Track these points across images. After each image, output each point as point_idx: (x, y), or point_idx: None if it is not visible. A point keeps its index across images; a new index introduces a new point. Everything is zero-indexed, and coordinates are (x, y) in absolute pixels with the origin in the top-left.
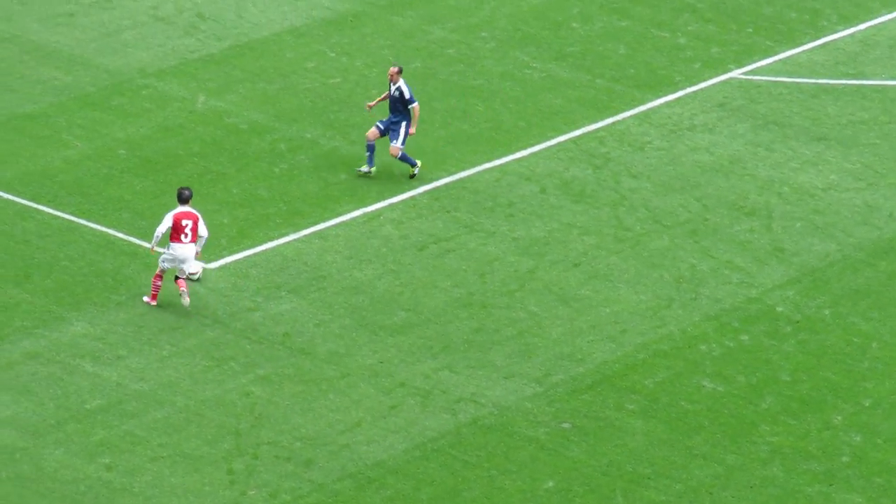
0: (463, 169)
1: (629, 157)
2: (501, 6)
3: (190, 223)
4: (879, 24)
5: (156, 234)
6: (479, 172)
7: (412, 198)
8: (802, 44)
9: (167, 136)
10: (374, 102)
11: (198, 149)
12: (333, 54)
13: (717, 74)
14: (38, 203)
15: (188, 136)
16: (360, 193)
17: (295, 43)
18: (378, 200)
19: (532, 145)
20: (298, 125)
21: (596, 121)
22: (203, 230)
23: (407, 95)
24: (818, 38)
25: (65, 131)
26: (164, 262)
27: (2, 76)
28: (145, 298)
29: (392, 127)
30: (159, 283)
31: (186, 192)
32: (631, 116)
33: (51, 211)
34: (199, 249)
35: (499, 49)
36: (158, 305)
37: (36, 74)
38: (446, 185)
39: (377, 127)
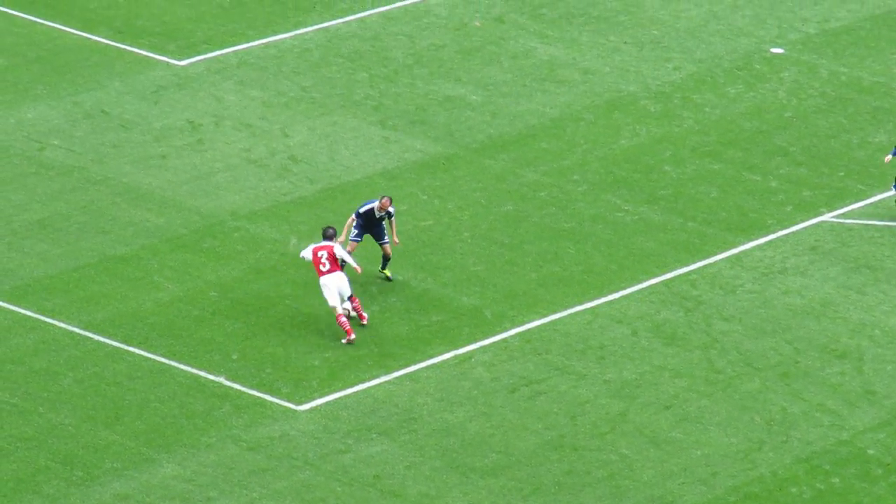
0: (554, 311)
1: (721, 300)
2: (594, 149)
3: (325, 253)
4: None
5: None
6: (570, 315)
7: (503, 340)
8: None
9: (258, 278)
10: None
11: (289, 291)
12: (425, 197)
13: (809, 217)
14: (129, 345)
15: (280, 278)
16: (451, 335)
17: (387, 185)
18: (469, 342)
19: (624, 288)
20: (390, 267)
21: (687, 263)
22: (343, 254)
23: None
24: None
25: (156, 273)
26: (329, 299)
27: (94, 218)
28: (343, 340)
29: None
30: (342, 319)
31: (330, 231)
32: (722, 259)
33: (142, 353)
34: (359, 268)
35: (591, 192)
36: (249, 448)
37: (128, 216)
38: (538, 327)
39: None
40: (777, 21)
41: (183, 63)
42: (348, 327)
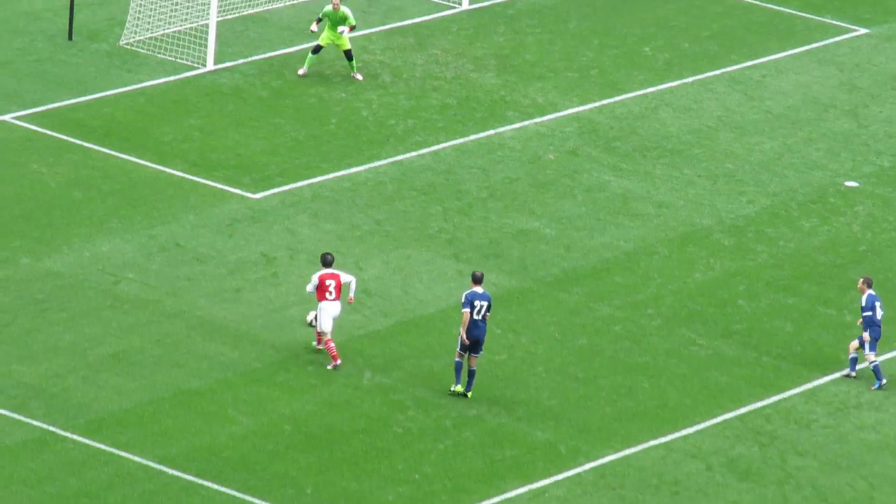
0: (629, 446)
1: (795, 435)
2: (668, 283)
3: (333, 282)
4: None
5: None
6: (644, 450)
7: (577, 475)
8: None
9: (332, 411)
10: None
11: (363, 425)
12: (499, 331)
13: (884, 352)
14: (203, 479)
15: (354, 412)
16: (526, 470)
17: (460, 319)
18: (543, 477)
19: (698, 423)
20: (464, 402)
21: (762, 398)
22: (348, 279)
23: None
24: None
25: (230, 407)
26: (323, 322)
27: (169, 351)
28: (329, 366)
29: None
30: (331, 344)
31: (329, 257)
32: (797, 394)
33: (216, 487)
34: (352, 297)
35: (665, 326)
36: None
37: (202, 350)
38: (612, 462)
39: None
40: (851, 154)
41: (257, 196)
42: (335, 352)
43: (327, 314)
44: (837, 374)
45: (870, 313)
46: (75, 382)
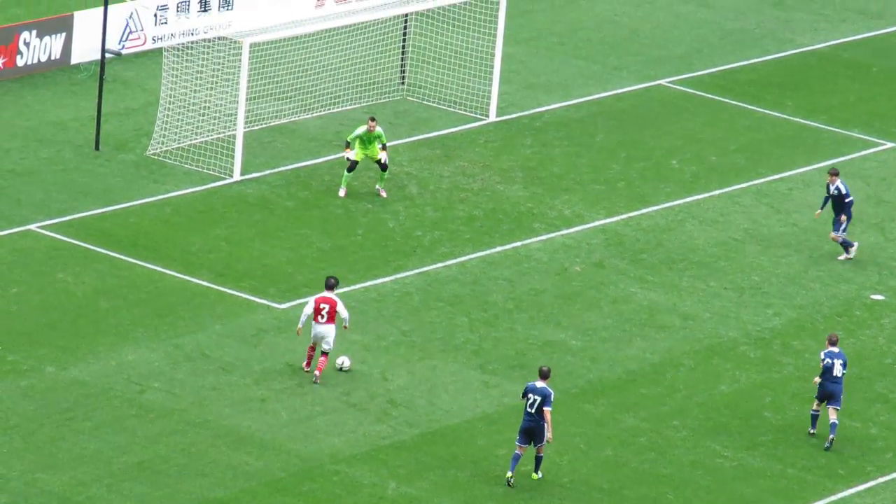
0: None
1: None
2: (693, 395)
3: (327, 307)
4: None
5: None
6: None
7: None
8: None
9: None
10: None
11: None
12: None
13: None
14: None
15: None
16: None
17: (487, 430)
18: None
19: None
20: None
21: None
22: (343, 312)
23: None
24: None
25: None
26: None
27: (194, 461)
28: (303, 364)
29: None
30: (311, 352)
31: (332, 280)
32: None
33: None
34: (347, 325)
35: (690, 438)
36: None
37: (227, 459)
38: None
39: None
40: (877, 267)
41: (283, 306)
42: (307, 360)
43: (316, 334)
44: (862, 487)
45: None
46: (99, 491)
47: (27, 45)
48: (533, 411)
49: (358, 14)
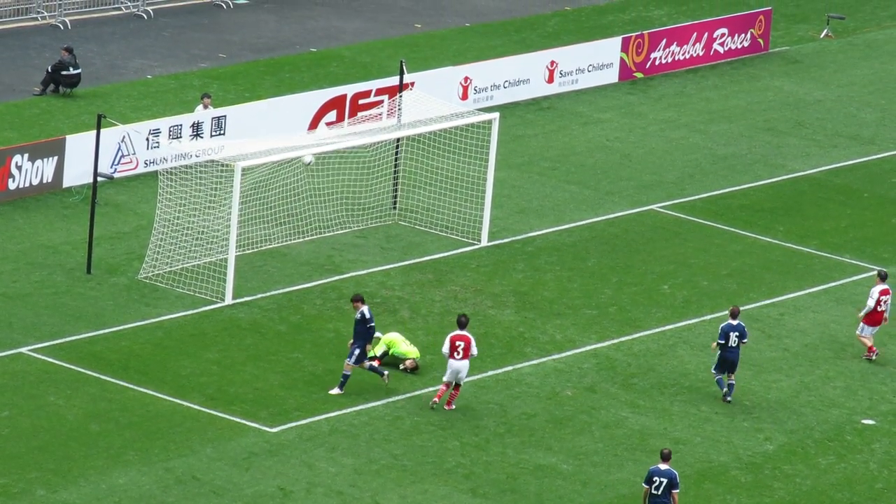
0: None
1: None
2: None
3: (462, 344)
4: None
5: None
6: None
7: None
8: None
9: None
10: None
11: None
12: None
13: None
14: None
15: None
16: None
17: None
18: None
19: None
20: None
21: None
22: (474, 349)
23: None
24: None
25: None
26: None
27: None
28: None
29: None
30: (445, 388)
31: (464, 318)
32: None
33: None
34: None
35: None
36: None
37: None
38: None
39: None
40: (869, 392)
41: (275, 430)
42: (438, 395)
43: (452, 370)
44: None
45: (722, 341)
46: None
47: (19, 168)
48: (660, 493)
49: (350, 139)
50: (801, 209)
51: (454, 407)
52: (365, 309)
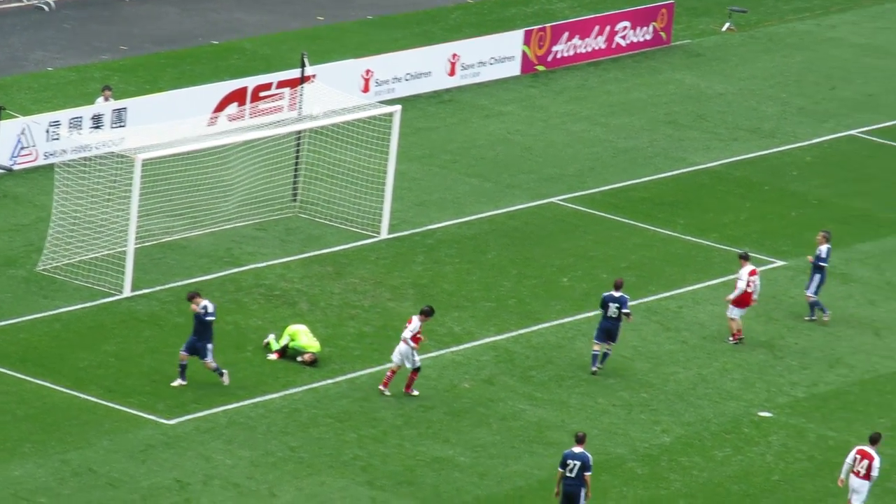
0: None
1: None
2: None
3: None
4: None
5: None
6: None
7: None
8: None
9: None
10: None
11: None
12: None
13: None
14: None
15: None
16: None
17: None
18: None
19: None
20: None
21: None
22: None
23: None
24: None
25: None
26: None
27: None
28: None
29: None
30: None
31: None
32: None
33: None
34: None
35: None
36: None
37: None
38: None
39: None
40: (766, 385)
41: (172, 422)
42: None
43: (401, 353)
44: None
45: (602, 311)
46: None
47: None
48: (573, 476)
49: (251, 131)
50: (701, 202)
51: (415, 392)
52: (206, 303)
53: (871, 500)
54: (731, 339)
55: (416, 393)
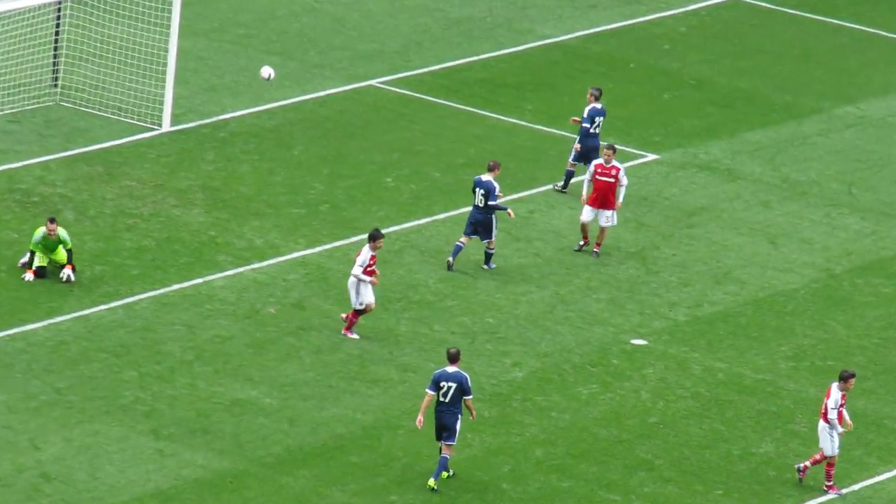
0: None
1: None
2: (415, 464)
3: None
4: (877, 482)
5: None
6: None
7: None
8: None
9: None
10: None
11: None
12: None
13: None
14: None
15: None
16: None
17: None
18: None
19: None
20: None
21: None
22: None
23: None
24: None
25: None
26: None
27: None
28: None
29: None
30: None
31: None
32: None
33: None
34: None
35: None
36: None
37: None
38: None
39: None
40: (638, 306)
41: None
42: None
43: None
44: None
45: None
46: None
47: None
48: (447, 401)
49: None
50: (552, 84)
51: (353, 335)
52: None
53: (773, 444)
54: (578, 246)
55: (355, 336)
